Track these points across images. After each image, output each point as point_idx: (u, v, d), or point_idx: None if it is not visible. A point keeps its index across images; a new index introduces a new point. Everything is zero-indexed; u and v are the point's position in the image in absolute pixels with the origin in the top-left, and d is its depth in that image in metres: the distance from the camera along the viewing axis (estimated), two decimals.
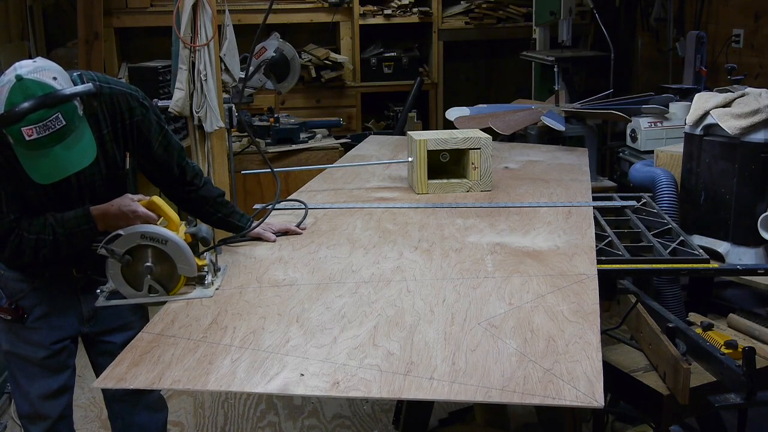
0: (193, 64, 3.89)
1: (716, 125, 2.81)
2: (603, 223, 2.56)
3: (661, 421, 2.14)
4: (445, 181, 2.90)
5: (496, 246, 2.26)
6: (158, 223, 1.98)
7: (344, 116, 5.62)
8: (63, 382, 2.25)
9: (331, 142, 4.96)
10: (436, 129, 5.71)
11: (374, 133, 5.06)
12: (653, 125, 3.81)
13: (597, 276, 1.99)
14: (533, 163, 3.37)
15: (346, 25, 5.85)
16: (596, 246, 2.28)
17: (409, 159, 2.93)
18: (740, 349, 2.03)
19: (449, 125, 3.87)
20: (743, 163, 2.76)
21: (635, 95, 4.19)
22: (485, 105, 4.19)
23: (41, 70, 1.76)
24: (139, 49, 5.71)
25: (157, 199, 2.01)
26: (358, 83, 5.87)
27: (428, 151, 2.85)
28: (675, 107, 3.84)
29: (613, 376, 2.19)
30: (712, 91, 3.18)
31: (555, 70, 4.39)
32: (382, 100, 6.02)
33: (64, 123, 1.75)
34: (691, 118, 2.94)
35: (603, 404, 1.39)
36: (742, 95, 2.84)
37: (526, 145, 3.81)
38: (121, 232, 1.92)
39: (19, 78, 1.72)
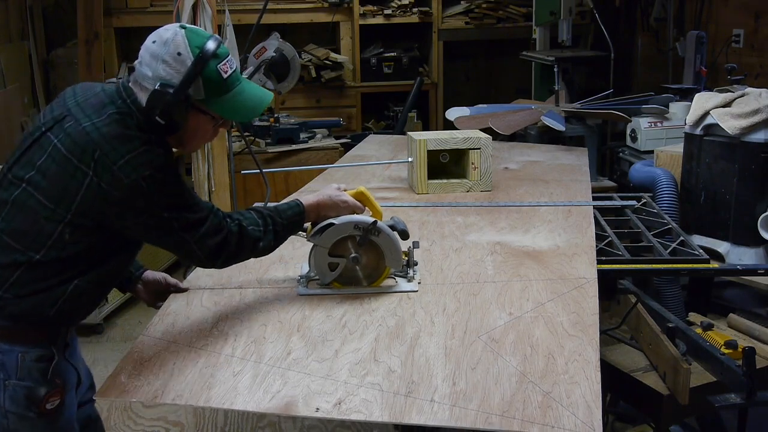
0: None
1: (716, 125, 2.82)
2: (603, 223, 2.56)
3: (661, 421, 2.14)
4: (445, 181, 2.90)
5: (497, 245, 2.26)
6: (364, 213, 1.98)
7: (344, 116, 5.62)
8: None
9: (331, 142, 4.96)
10: (436, 129, 5.72)
11: (374, 133, 5.06)
12: (653, 125, 3.81)
13: (597, 279, 1.99)
14: (533, 163, 3.37)
15: (346, 25, 5.84)
16: (596, 246, 2.28)
17: (409, 159, 2.93)
18: (740, 349, 2.03)
19: (449, 125, 3.87)
20: (743, 163, 2.76)
21: (635, 95, 4.19)
22: (485, 105, 4.19)
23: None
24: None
25: (365, 189, 2.01)
26: (358, 83, 5.87)
27: (428, 151, 2.85)
28: (675, 107, 3.83)
29: (613, 376, 2.19)
30: (712, 91, 3.18)
31: (555, 70, 4.38)
32: (382, 100, 6.01)
33: (235, 61, 1.74)
34: (691, 118, 2.94)
35: None
36: (742, 95, 2.84)
37: (526, 145, 3.81)
38: (334, 221, 1.91)
39: (183, 27, 1.69)
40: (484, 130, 3.04)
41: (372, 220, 1.93)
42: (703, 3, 4.95)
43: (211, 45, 1.65)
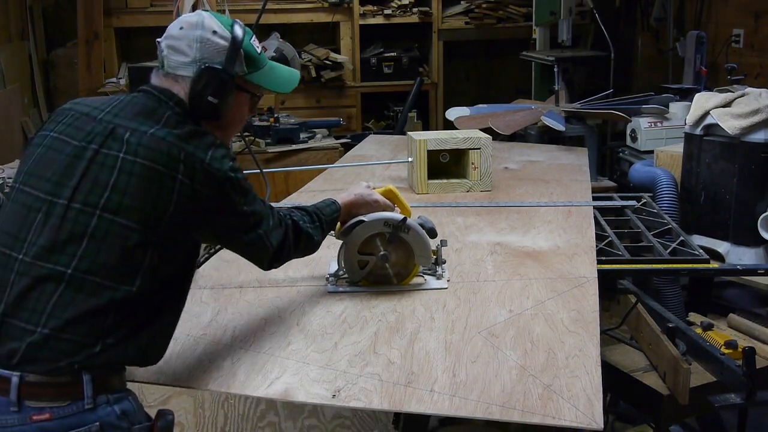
0: None
1: (716, 125, 2.82)
2: (603, 223, 2.56)
3: (661, 421, 2.14)
4: (445, 181, 2.90)
5: (497, 246, 2.26)
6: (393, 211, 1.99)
7: (344, 116, 5.61)
8: None
9: (331, 142, 4.96)
10: (436, 129, 5.71)
11: (374, 133, 5.05)
12: (653, 125, 3.81)
13: (597, 279, 1.99)
14: (533, 163, 3.37)
15: (346, 25, 5.84)
16: (596, 246, 2.28)
17: (409, 159, 2.94)
18: (740, 349, 2.03)
19: (449, 125, 3.87)
20: (743, 163, 2.76)
21: (635, 95, 4.19)
22: (485, 105, 4.19)
23: None
24: (139, 49, 5.71)
25: (393, 188, 2.02)
26: (358, 83, 5.87)
27: (428, 151, 2.85)
28: (675, 107, 3.83)
29: (613, 376, 2.19)
30: (712, 91, 3.18)
31: (555, 70, 4.39)
32: (382, 100, 6.01)
33: None
34: (691, 118, 2.94)
35: (602, 426, 1.37)
36: (742, 95, 2.84)
37: (526, 145, 3.81)
38: (364, 218, 1.92)
39: (206, 10, 1.67)
40: (484, 130, 3.05)
41: (402, 217, 1.93)
42: (703, 3, 4.95)
43: (237, 23, 1.63)
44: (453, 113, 3.95)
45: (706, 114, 2.86)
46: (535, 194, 2.82)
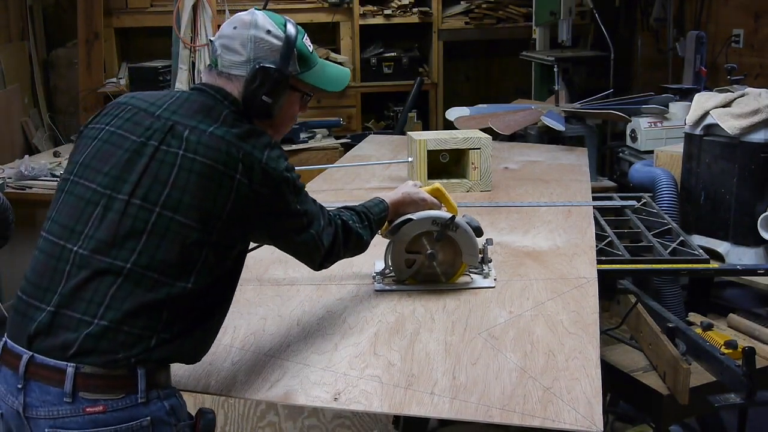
0: (193, 64, 3.89)
1: (716, 125, 2.82)
2: (603, 223, 2.56)
3: (661, 421, 2.14)
4: (444, 181, 2.89)
5: (496, 246, 2.26)
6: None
7: (344, 116, 5.61)
8: None
9: (331, 142, 4.96)
10: (436, 129, 5.71)
11: (374, 133, 5.05)
12: (653, 125, 3.81)
13: (597, 279, 1.99)
14: (533, 163, 3.37)
15: (346, 25, 5.84)
16: (596, 246, 2.28)
17: (409, 159, 2.94)
18: (740, 349, 2.03)
19: (449, 125, 3.86)
20: (743, 163, 2.76)
21: (635, 95, 4.19)
22: (485, 105, 4.18)
23: None
24: (139, 49, 5.71)
25: (441, 186, 2.02)
26: (358, 83, 5.86)
27: (428, 151, 2.85)
28: (675, 107, 3.83)
29: (613, 376, 2.19)
30: (712, 91, 3.18)
31: (555, 70, 4.38)
32: (382, 100, 6.01)
33: None
34: (691, 118, 2.94)
35: (602, 428, 1.37)
36: (742, 95, 2.85)
37: (526, 145, 3.81)
38: (412, 216, 1.92)
39: (257, 9, 1.65)
40: (484, 130, 3.05)
41: (450, 215, 1.93)
42: (703, 3, 4.95)
43: (290, 22, 1.62)
44: (453, 113, 3.95)
45: (706, 114, 2.86)
46: (535, 194, 2.82)
